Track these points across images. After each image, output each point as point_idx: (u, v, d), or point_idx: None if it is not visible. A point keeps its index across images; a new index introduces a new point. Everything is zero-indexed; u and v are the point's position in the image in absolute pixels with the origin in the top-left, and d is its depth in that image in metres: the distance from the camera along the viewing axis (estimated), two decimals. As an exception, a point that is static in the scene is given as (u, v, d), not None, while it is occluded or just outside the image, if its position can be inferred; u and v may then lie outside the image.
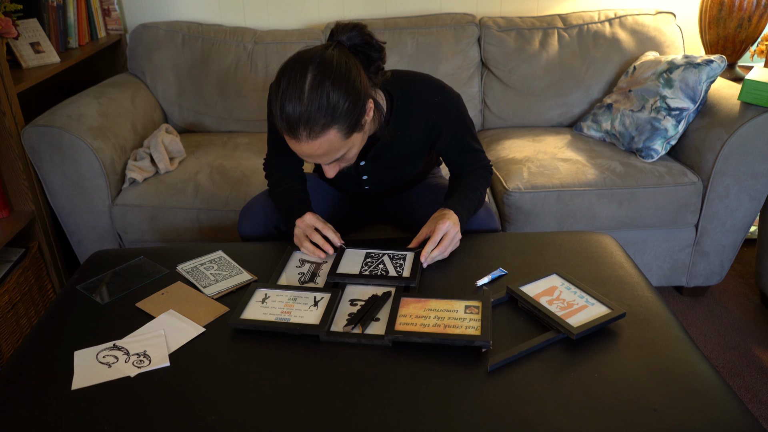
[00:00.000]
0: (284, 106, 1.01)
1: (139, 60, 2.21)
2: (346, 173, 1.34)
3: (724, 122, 1.77)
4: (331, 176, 1.16)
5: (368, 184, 1.42)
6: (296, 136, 1.02)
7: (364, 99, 1.06)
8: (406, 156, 1.34)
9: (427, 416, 0.86)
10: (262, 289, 1.13)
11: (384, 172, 1.38)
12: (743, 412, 0.86)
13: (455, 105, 1.28)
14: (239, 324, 1.03)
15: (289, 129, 1.02)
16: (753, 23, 2.13)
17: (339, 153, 1.08)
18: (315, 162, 1.10)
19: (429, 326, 1.02)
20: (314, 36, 2.23)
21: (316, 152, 1.05)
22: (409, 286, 1.14)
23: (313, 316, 1.05)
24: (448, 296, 1.09)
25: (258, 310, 1.06)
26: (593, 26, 2.21)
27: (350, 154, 1.13)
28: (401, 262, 1.21)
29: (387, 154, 1.31)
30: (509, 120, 2.26)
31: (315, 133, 1.01)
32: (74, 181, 1.75)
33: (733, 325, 1.91)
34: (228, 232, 1.79)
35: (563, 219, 1.81)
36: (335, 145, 1.05)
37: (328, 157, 1.08)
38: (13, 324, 1.70)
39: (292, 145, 1.06)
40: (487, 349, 0.98)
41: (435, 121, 1.27)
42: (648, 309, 1.07)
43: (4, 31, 1.70)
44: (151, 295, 1.14)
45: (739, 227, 1.87)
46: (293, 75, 1.01)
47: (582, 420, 0.84)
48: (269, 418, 0.86)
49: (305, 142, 1.03)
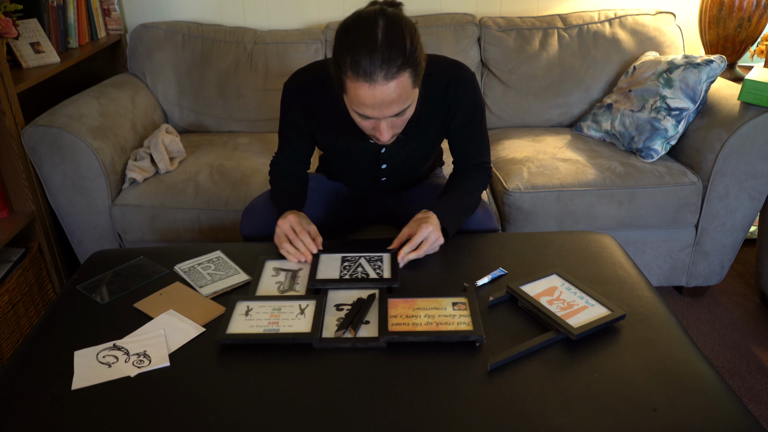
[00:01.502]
0: (358, 54, 1.01)
1: (139, 60, 2.21)
2: (366, 163, 1.36)
3: (724, 122, 1.77)
4: (387, 139, 1.14)
5: (386, 175, 1.42)
6: (372, 79, 1.02)
7: (422, 54, 1.08)
8: (424, 140, 1.34)
9: (428, 417, 0.86)
10: (243, 301, 1.10)
11: (402, 161, 1.38)
12: (743, 412, 0.86)
13: (472, 79, 1.29)
14: (227, 339, 0.99)
15: (366, 74, 1.02)
16: (753, 23, 2.13)
17: (406, 103, 1.09)
18: (381, 115, 1.08)
19: (421, 325, 1.02)
20: (314, 36, 2.23)
21: (389, 96, 1.04)
22: (391, 287, 1.14)
23: (302, 324, 1.03)
24: (432, 294, 1.10)
25: (243, 323, 1.04)
26: (593, 26, 2.21)
27: (409, 112, 1.13)
28: (379, 263, 1.21)
29: (407, 138, 1.31)
30: (509, 120, 2.26)
31: (391, 74, 1.02)
32: (74, 181, 1.75)
33: (733, 325, 1.91)
34: (228, 232, 1.79)
35: (563, 219, 1.81)
36: (406, 90, 1.06)
37: (398, 104, 1.07)
38: (13, 324, 1.70)
39: (364, 93, 1.04)
40: (481, 343, 0.99)
41: (452, 98, 1.27)
42: (648, 309, 1.07)
43: (4, 31, 1.70)
44: (149, 296, 1.14)
45: (739, 227, 1.87)
46: (362, 27, 1.03)
47: (582, 420, 0.84)
48: (270, 419, 0.86)
49: (381, 84, 1.03)
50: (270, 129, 2.25)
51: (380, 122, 1.11)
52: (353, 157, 1.38)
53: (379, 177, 1.43)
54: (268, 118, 2.23)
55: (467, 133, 1.34)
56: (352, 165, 1.41)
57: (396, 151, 1.35)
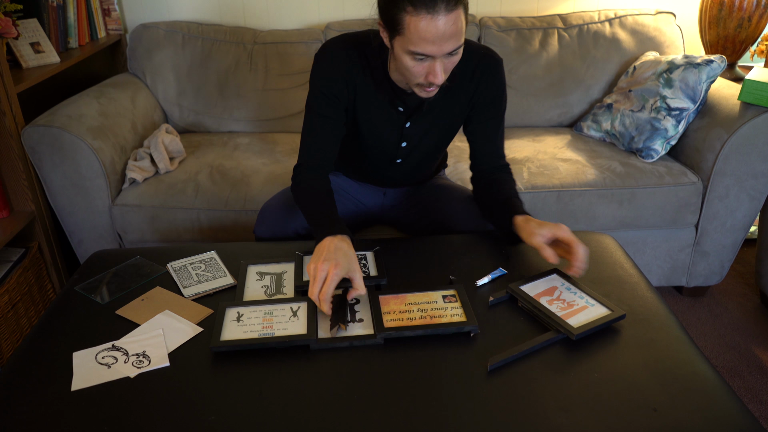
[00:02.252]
0: None
1: (139, 60, 2.21)
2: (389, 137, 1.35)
3: (724, 122, 1.77)
4: (441, 81, 1.14)
5: (402, 156, 1.41)
6: (435, 10, 1.05)
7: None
8: (446, 119, 1.34)
9: (429, 416, 0.86)
10: (232, 308, 1.08)
11: (422, 140, 1.38)
12: (743, 412, 0.86)
13: (501, 64, 1.31)
14: (221, 347, 0.98)
15: (427, 5, 1.04)
16: (753, 23, 2.13)
17: (461, 40, 1.10)
18: (440, 51, 1.09)
19: (415, 319, 1.03)
20: (314, 36, 2.23)
21: (450, 29, 1.07)
22: (380, 284, 1.15)
23: (297, 326, 1.03)
24: (421, 289, 1.11)
25: (236, 329, 1.03)
26: (593, 26, 2.21)
27: (460, 53, 1.15)
28: (364, 261, 1.22)
29: (431, 116, 1.32)
30: (509, 120, 2.26)
31: (452, 5, 1.05)
32: (74, 181, 1.75)
33: (733, 325, 1.91)
34: (228, 231, 1.79)
35: (563, 219, 1.81)
36: (462, 26, 1.09)
37: (455, 40, 1.09)
38: (13, 324, 1.70)
39: (426, 26, 1.06)
40: (476, 333, 1.00)
41: (480, 77, 1.29)
42: (648, 309, 1.07)
43: (4, 31, 1.70)
44: (130, 302, 1.13)
45: (739, 227, 1.87)
46: None
47: (582, 420, 0.84)
48: (270, 419, 0.86)
49: (443, 15, 1.05)
50: (270, 129, 2.25)
51: (435, 63, 1.12)
52: (377, 133, 1.35)
53: (395, 157, 1.41)
54: (268, 118, 2.23)
55: (491, 116, 1.34)
56: (373, 143, 1.38)
57: (416, 130, 1.35)
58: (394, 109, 1.31)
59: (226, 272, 1.21)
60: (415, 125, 1.34)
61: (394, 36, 1.12)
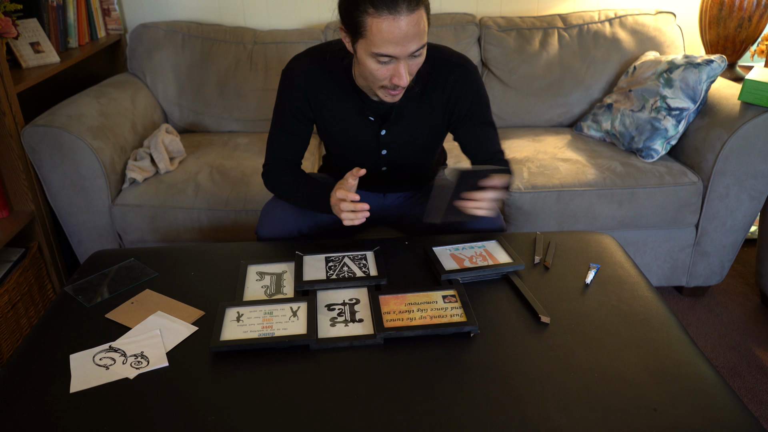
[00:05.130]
0: None
1: (139, 60, 2.21)
2: (366, 149, 1.36)
3: (724, 122, 1.77)
4: (406, 82, 1.15)
5: (386, 164, 1.41)
6: (396, 11, 1.05)
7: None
8: (424, 128, 1.34)
9: (429, 416, 0.86)
10: (232, 308, 1.08)
11: (402, 148, 1.38)
12: (743, 412, 0.86)
13: (475, 70, 1.31)
14: (221, 347, 0.99)
15: (389, 6, 1.05)
16: (753, 23, 2.13)
17: (423, 40, 1.11)
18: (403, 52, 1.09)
19: (415, 320, 1.03)
20: (314, 36, 2.23)
21: (412, 29, 1.07)
22: (379, 284, 1.15)
23: (297, 326, 1.03)
24: (421, 289, 1.11)
25: (236, 329, 1.03)
26: (593, 26, 2.20)
27: (423, 55, 1.15)
28: (364, 261, 1.22)
29: (407, 122, 1.32)
30: (509, 120, 2.26)
31: (412, 6, 1.06)
32: (74, 181, 1.74)
33: (733, 325, 1.91)
34: (228, 231, 1.79)
35: (563, 219, 1.81)
36: (425, 24, 1.10)
37: (418, 40, 1.10)
38: (13, 324, 1.70)
39: (388, 27, 1.06)
40: (476, 333, 1.01)
41: (454, 84, 1.29)
42: (648, 309, 1.07)
43: (4, 31, 1.69)
44: (120, 305, 1.13)
45: (739, 227, 1.87)
46: None
47: (582, 420, 0.84)
48: (270, 419, 0.86)
49: (405, 16, 1.06)
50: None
51: (399, 64, 1.12)
52: (353, 142, 1.37)
53: (379, 165, 1.42)
54: (268, 118, 2.21)
55: (474, 122, 1.34)
56: (353, 154, 1.40)
57: (393, 136, 1.34)
58: (365, 117, 1.31)
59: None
60: (391, 133, 1.34)
61: (356, 40, 1.12)
